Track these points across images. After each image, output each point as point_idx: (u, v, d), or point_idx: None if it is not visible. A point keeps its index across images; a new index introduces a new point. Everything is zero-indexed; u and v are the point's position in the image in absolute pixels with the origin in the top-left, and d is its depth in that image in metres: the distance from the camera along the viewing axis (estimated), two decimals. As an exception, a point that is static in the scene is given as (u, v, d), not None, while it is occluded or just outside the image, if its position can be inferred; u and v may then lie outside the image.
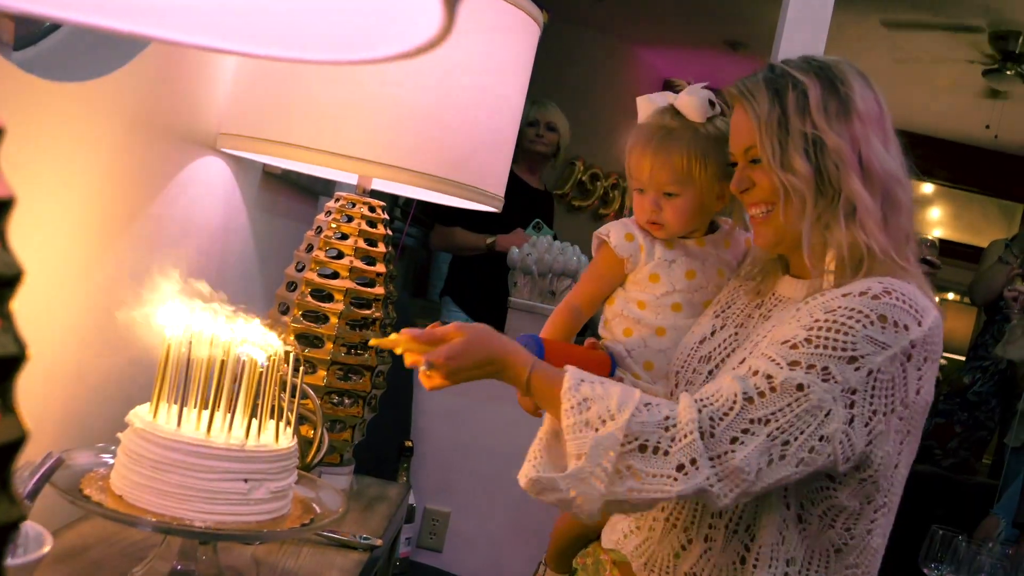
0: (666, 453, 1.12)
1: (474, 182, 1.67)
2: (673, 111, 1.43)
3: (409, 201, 3.39)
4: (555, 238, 3.27)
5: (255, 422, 1.12)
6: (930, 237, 3.34)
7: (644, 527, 1.36)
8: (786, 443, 1.13)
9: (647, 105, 1.46)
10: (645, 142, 1.43)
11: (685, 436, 1.11)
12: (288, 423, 1.17)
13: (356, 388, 1.68)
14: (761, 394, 1.14)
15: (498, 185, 1.74)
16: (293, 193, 2.32)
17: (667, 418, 1.13)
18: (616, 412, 1.13)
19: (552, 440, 1.20)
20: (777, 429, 1.13)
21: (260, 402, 1.14)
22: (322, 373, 1.64)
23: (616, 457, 1.11)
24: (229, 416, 1.10)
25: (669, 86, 7.48)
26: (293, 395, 1.20)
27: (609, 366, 1.46)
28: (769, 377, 1.15)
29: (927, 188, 7.22)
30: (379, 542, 1.42)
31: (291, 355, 1.18)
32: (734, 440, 1.12)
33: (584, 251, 2.97)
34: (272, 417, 1.16)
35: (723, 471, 1.12)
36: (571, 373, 1.18)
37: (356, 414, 1.70)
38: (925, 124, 6.76)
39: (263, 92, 1.62)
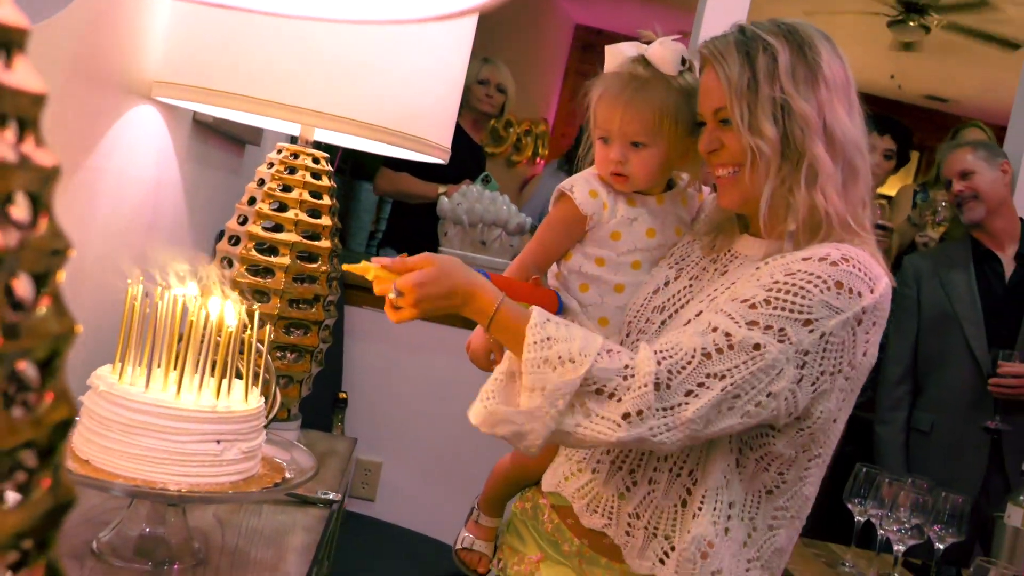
0: (619, 400, 1.15)
1: (422, 133, 1.65)
2: (644, 62, 1.39)
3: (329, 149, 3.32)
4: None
5: (223, 382, 1.10)
6: (877, 200, 3.42)
7: (587, 469, 1.39)
8: (736, 396, 1.17)
9: (616, 54, 1.42)
10: (617, 91, 1.38)
11: (641, 387, 1.14)
12: (255, 382, 1.15)
13: (304, 343, 1.66)
14: (719, 350, 1.17)
15: (444, 136, 1.72)
16: (221, 142, 2.25)
17: (627, 367, 1.16)
18: (578, 356, 1.15)
19: (507, 380, 1.22)
20: (731, 384, 1.17)
21: (227, 362, 1.12)
22: (269, 328, 1.61)
23: (572, 396, 1.14)
24: (198, 377, 1.07)
25: (584, 32, 7.47)
26: (246, 353, 1.18)
27: (556, 304, 1.45)
28: (728, 335, 1.18)
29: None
30: (338, 497, 1.42)
31: (256, 314, 1.16)
32: (689, 393, 1.16)
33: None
34: (231, 376, 1.14)
35: (674, 421, 1.16)
36: (538, 311, 1.20)
37: (304, 369, 1.68)
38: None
39: (204, 40, 1.56)
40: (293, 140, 1.80)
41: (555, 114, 7.58)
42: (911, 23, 5.07)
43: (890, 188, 4.73)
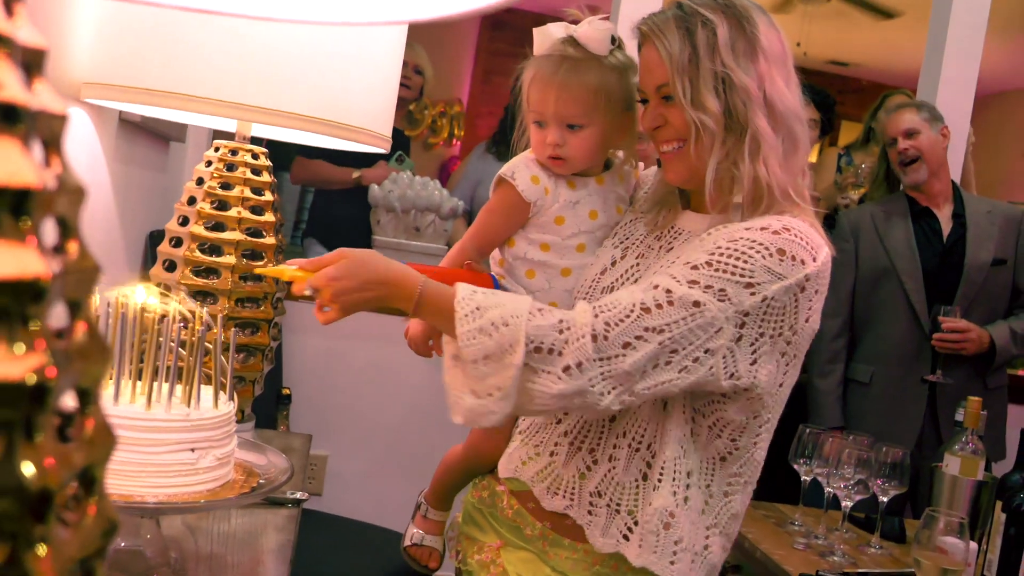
0: (560, 354, 1.15)
1: (362, 123, 1.63)
2: (574, 42, 1.37)
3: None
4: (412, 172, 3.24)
5: (191, 389, 1.08)
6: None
7: (545, 452, 1.39)
8: (673, 351, 1.19)
9: (545, 36, 1.39)
10: (551, 73, 1.36)
11: (578, 339, 1.15)
12: (223, 387, 1.13)
13: (255, 342, 1.64)
14: (659, 306, 1.18)
15: (384, 126, 1.71)
16: (147, 140, 2.19)
17: (561, 321, 1.17)
18: (510, 319, 1.15)
19: (455, 364, 1.21)
20: (669, 339, 1.18)
21: (193, 368, 1.10)
22: (226, 331, 1.58)
23: (520, 363, 1.14)
24: (167, 385, 1.05)
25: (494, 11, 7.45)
26: (207, 356, 1.16)
27: (493, 286, 1.42)
28: (668, 292, 1.19)
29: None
30: (306, 496, 1.41)
31: (219, 317, 1.14)
32: (626, 345, 1.17)
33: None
34: (199, 382, 1.12)
35: (610, 372, 1.16)
36: (462, 286, 1.20)
37: (256, 368, 1.66)
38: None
39: (134, 38, 1.51)
40: (218, 135, 1.76)
41: (469, 94, 7.55)
42: (813, -8, 5.19)
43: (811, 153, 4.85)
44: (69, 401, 0.42)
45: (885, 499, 2.02)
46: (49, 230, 0.42)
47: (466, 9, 0.54)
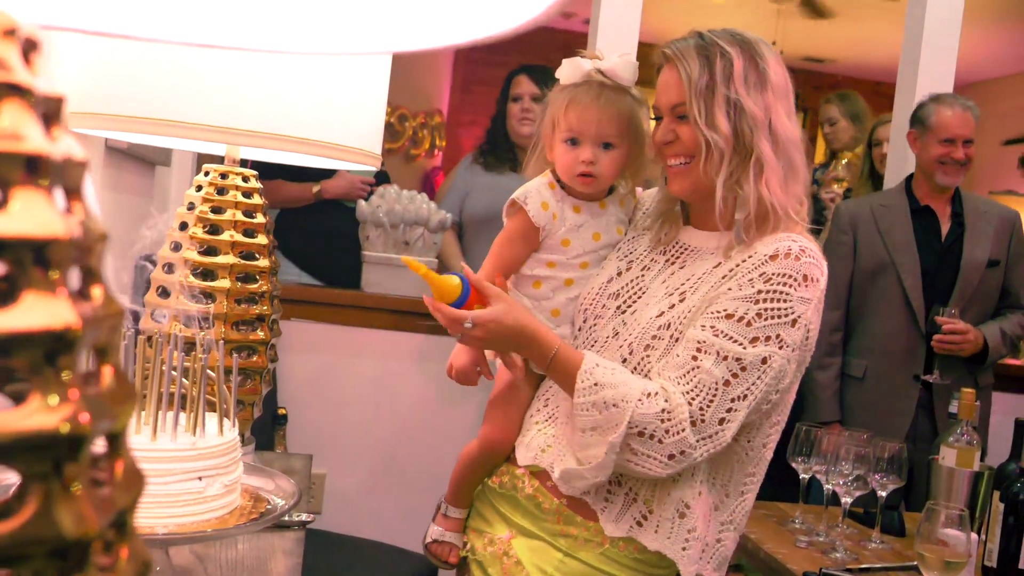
0: (660, 441, 1.32)
1: (354, 142, 1.63)
2: (602, 74, 1.51)
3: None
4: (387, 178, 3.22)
5: (194, 416, 1.08)
6: None
7: (564, 440, 1.48)
8: (759, 407, 1.37)
9: (576, 67, 1.52)
10: (594, 96, 1.49)
11: (680, 431, 1.32)
12: (226, 413, 1.13)
13: (252, 365, 1.63)
14: (735, 375, 1.33)
15: (375, 143, 1.71)
16: (134, 166, 2.19)
17: (664, 410, 1.32)
18: (620, 401, 1.32)
19: (567, 423, 1.42)
20: (753, 400, 1.34)
21: (197, 395, 1.09)
22: (215, 355, 1.58)
23: (622, 441, 1.32)
24: (172, 414, 1.05)
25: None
26: (210, 382, 1.16)
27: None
28: (739, 359, 1.33)
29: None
30: (311, 518, 1.41)
31: (222, 343, 1.14)
32: (722, 421, 1.33)
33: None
34: (203, 409, 1.12)
35: (717, 445, 1.34)
36: (588, 357, 1.38)
37: (255, 391, 1.65)
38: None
39: (120, 66, 1.51)
40: (204, 157, 1.75)
41: (449, 104, 7.56)
42: (788, -10, 5.23)
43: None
44: (99, 445, 0.42)
45: (884, 493, 2.03)
46: (75, 277, 0.42)
47: (446, 43, 0.55)
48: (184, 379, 1.12)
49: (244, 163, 1.74)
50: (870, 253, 2.80)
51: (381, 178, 3.12)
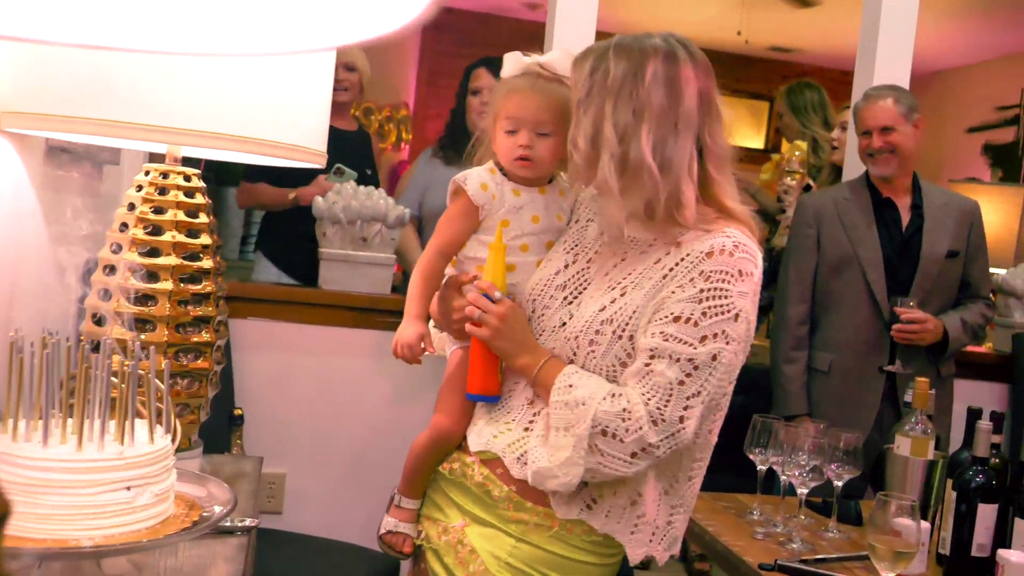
0: (622, 440, 1.37)
1: (296, 140, 1.60)
2: (542, 67, 1.58)
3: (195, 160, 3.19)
4: (375, 180, 3.20)
5: (125, 424, 1.06)
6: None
7: (518, 427, 1.53)
8: (714, 402, 1.42)
9: (516, 60, 1.59)
10: (529, 86, 1.57)
11: (638, 429, 1.36)
12: (158, 420, 1.11)
13: (197, 368, 1.61)
14: (688, 375, 1.38)
15: (319, 140, 1.69)
16: (78, 166, 2.14)
17: (624, 410, 1.37)
18: (587, 399, 1.38)
19: (541, 441, 1.47)
20: (707, 395, 1.40)
21: (126, 401, 1.07)
22: (159, 358, 1.55)
23: (587, 440, 1.37)
24: (99, 423, 1.03)
25: (436, 12, 7.45)
26: (147, 388, 1.14)
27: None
28: (691, 360, 1.38)
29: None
30: (255, 522, 1.39)
31: (152, 349, 1.12)
32: (682, 419, 1.38)
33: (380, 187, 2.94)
34: (133, 416, 1.09)
35: (678, 442, 1.39)
36: (571, 366, 1.45)
37: (201, 394, 1.63)
38: (685, 33, 7.08)
39: (54, 64, 1.47)
40: (154, 156, 1.73)
41: (415, 97, 7.52)
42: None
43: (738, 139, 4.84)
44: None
45: (840, 483, 2.03)
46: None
47: (382, 33, 0.53)
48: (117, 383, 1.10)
49: (196, 162, 1.72)
50: (834, 246, 2.80)
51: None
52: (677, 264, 1.43)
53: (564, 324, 1.51)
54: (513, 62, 1.60)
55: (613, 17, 6.47)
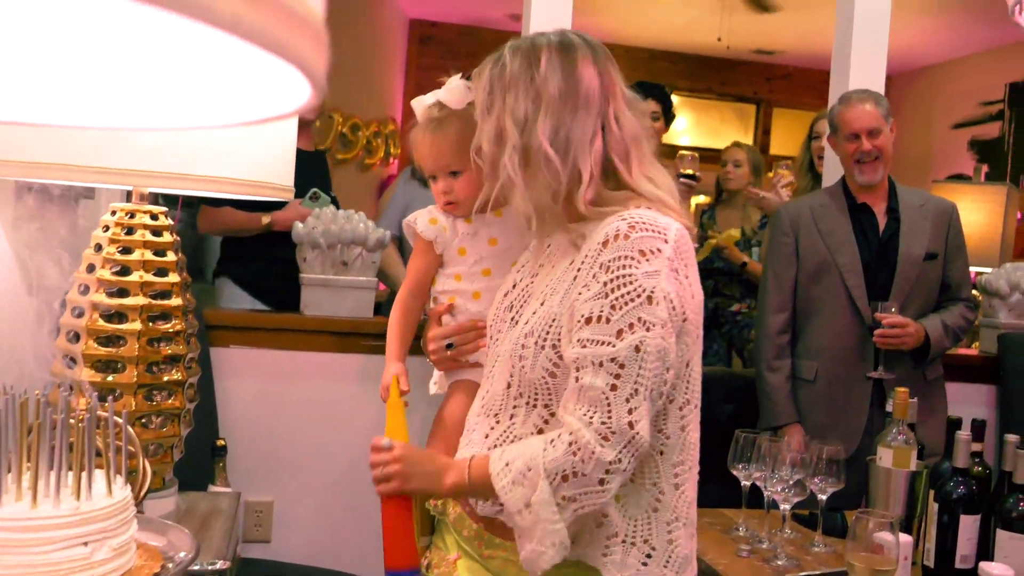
0: (584, 474, 1.28)
1: (262, 176, 1.60)
2: (440, 104, 1.63)
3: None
4: (335, 202, 3.18)
5: (83, 476, 1.05)
6: (688, 153, 3.54)
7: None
8: (657, 392, 1.32)
9: (419, 105, 1.65)
10: (422, 133, 1.63)
11: (591, 454, 1.28)
12: (118, 471, 1.11)
13: (169, 407, 1.60)
14: (617, 376, 1.29)
15: (285, 175, 1.68)
16: (50, 203, 2.14)
17: (570, 444, 1.29)
18: (531, 462, 1.30)
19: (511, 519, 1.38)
20: (646, 389, 1.30)
21: (82, 453, 1.06)
22: (129, 399, 1.55)
23: (553, 498, 1.28)
24: (54, 477, 1.02)
25: (420, 26, 7.43)
26: (102, 432, 1.13)
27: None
28: (613, 359, 1.29)
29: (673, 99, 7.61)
30: (226, 565, 1.38)
31: (112, 396, 1.11)
32: (631, 425, 1.29)
33: (360, 207, 2.92)
34: (91, 468, 1.09)
35: (637, 449, 1.29)
36: (494, 452, 1.38)
37: (173, 434, 1.62)
38: (664, 40, 7.11)
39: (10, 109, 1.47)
40: (129, 194, 1.72)
41: (403, 111, 7.52)
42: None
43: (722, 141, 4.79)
44: None
45: (824, 497, 2.03)
46: None
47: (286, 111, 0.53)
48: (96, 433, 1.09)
49: (167, 199, 1.71)
50: (812, 254, 2.79)
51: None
52: (583, 261, 1.37)
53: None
54: (417, 107, 1.65)
55: (591, 25, 6.48)
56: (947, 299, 2.83)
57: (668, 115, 3.58)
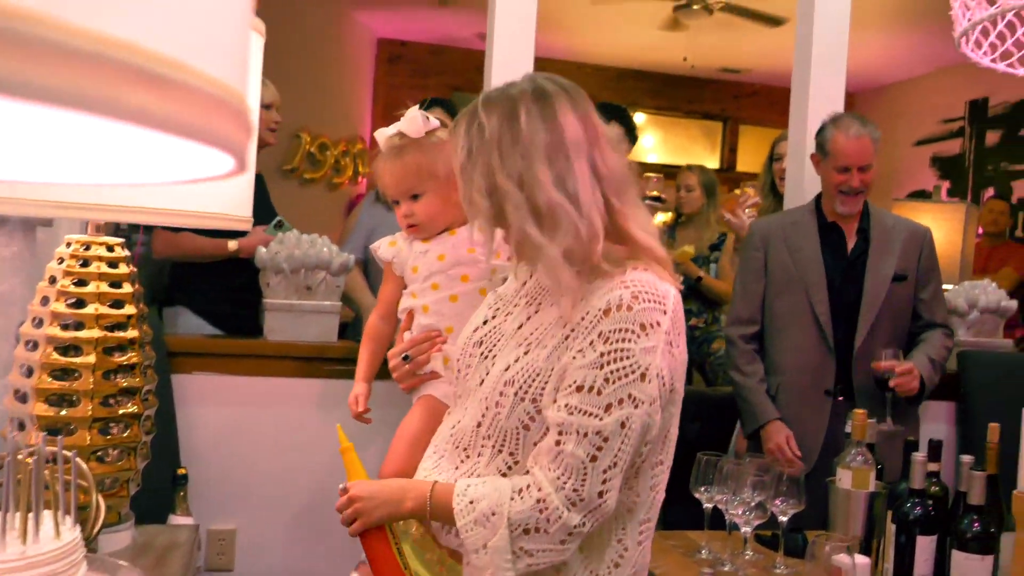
0: (546, 532, 1.31)
1: (220, 208, 1.60)
2: (400, 134, 1.77)
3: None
4: (282, 225, 3.14)
5: (29, 518, 1.04)
6: (653, 175, 3.58)
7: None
8: (632, 466, 1.37)
9: (381, 136, 1.79)
10: (383, 161, 1.78)
11: (558, 517, 1.30)
12: (67, 510, 1.10)
13: (125, 440, 1.59)
14: (599, 448, 1.31)
15: (243, 206, 1.68)
16: (6, 230, 2.12)
17: (538, 500, 1.31)
18: (497, 507, 1.32)
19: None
20: (623, 463, 1.33)
21: (29, 493, 1.06)
22: (84, 433, 1.53)
23: (510, 546, 1.31)
24: (0, 519, 1.01)
25: (388, 45, 7.43)
26: (54, 471, 1.12)
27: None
28: (599, 432, 1.31)
29: (639, 118, 7.68)
30: (182, 601, 1.37)
31: (60, 439, 1.10)
32: (601, 494, 1.32)
33: (329, 227, 2.91)
34: (38, 511, 1.08)
35: (602, 515, 1.33)
36: (460, 482, 1.38)
37: (129, 467, 1.61)
38: (632, 59, 7.16)
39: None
40: (87, 224, 1.71)
41: (371, 130, 7.52)
42: (695, 6, 5.30)
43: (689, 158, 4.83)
44: None
45: (784, 518, 2.04)
46: None
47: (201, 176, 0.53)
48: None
49: (129, 224, 1.70)
50: (780, 270, 2.80)
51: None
52: (579, 323, 1.34)
53: (482, 382, 1.44)
54: (380, 138, 1.79)
55: (555, 44, 6.53)
56: (923, 325, 2.83)
57: (631, 136, 3.60)
